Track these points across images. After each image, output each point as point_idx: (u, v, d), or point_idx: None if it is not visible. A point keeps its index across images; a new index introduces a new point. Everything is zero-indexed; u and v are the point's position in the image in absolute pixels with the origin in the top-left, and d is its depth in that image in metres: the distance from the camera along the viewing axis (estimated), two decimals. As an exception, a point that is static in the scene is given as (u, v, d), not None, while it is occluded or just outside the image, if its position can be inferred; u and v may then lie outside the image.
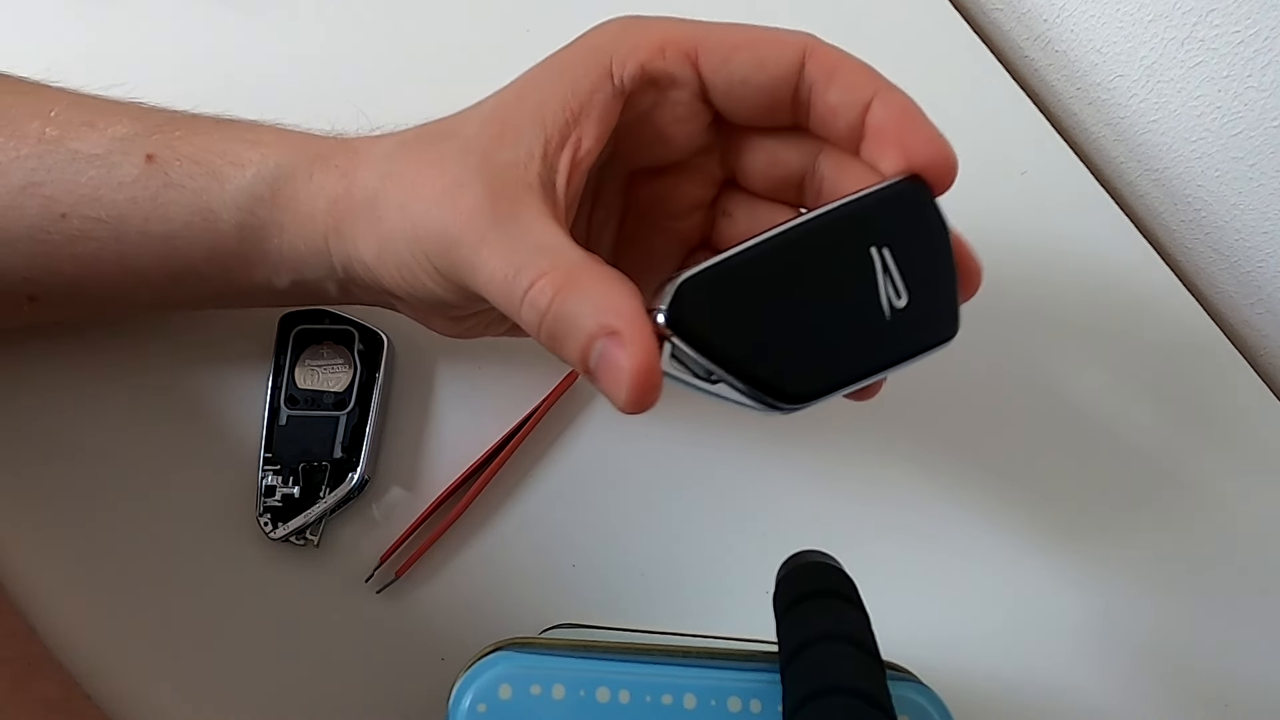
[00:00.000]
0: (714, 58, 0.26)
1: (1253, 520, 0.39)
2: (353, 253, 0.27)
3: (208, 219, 0.28)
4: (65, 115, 0.29)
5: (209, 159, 0.28)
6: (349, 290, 0.30)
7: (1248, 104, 0.38)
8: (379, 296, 0.29)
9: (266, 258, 0.29)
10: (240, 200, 0.28)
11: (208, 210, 0.28)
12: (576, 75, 0.26)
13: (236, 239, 0.29)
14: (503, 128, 0.26)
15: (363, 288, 0.29)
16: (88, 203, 0.28)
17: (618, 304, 0.23)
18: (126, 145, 0.28)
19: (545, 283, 0.23)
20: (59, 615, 0.34)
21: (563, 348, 0.24)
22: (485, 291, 0.25)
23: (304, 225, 0.28)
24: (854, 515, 0.38)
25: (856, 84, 0.25)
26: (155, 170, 0.28)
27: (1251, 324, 0.44)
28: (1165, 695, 0.37)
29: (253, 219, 0.28)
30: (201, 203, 0.28)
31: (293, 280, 0.30)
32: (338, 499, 0.35)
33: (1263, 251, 0.42)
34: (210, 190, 0.28)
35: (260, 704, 0.34)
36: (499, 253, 0.24)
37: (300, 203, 0.28)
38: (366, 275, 0.28)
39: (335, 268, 0.28)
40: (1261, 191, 0.40)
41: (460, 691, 0.26)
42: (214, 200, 0.28)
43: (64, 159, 0.28)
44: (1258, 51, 0.37)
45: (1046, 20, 0.45)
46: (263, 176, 0.28)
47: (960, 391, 0.39)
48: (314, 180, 0.28)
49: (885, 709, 0.22)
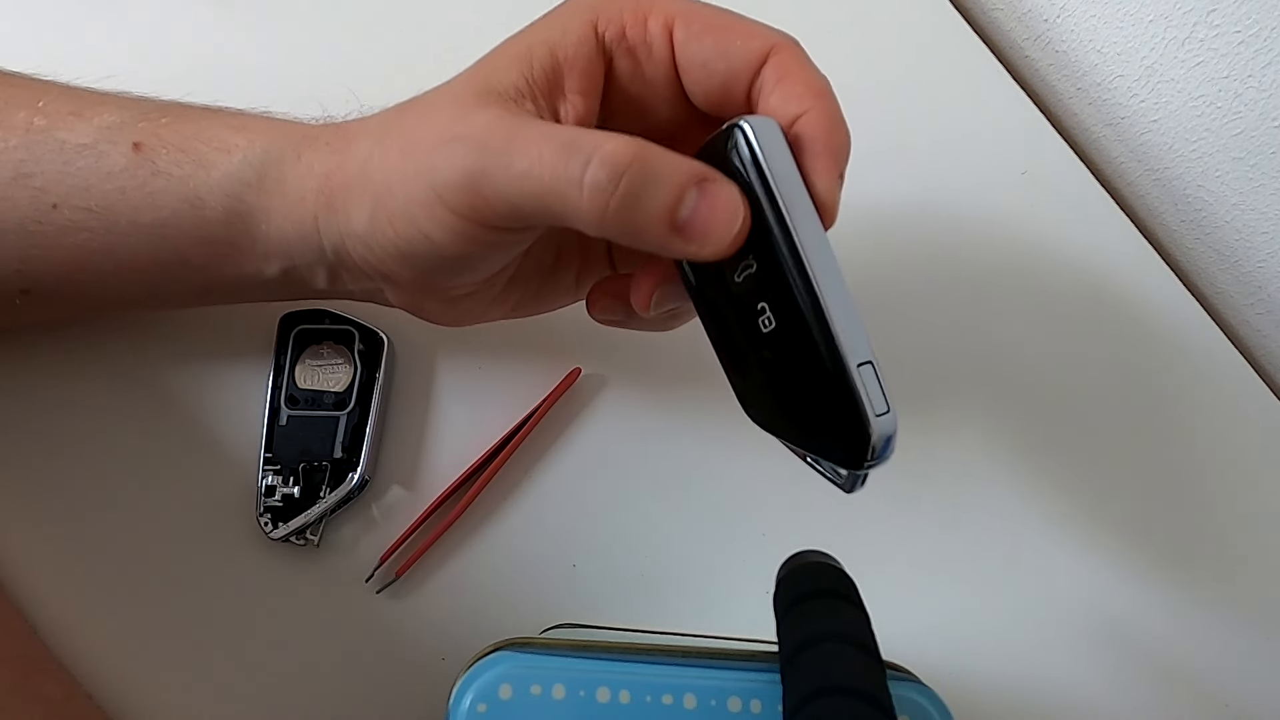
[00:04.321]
0: (685, 33, 0.26)
1: (1253, 520, 0.39)
2: (344, 228, 0.27)
3: (195, 207, 0.28)
4: (52, 106, 0.29)
5: (195, 146, 0.28)
6: (338, 277, 0.29)
7: (1248, 104, 0.38)
8: (369, 284, 0.29)
9: (255, 245, 0.29)
10: (227, 186, 0.28)
11: (195, 198, 0.28)
12: (565, 26, 0.26)
13: (224, 226, 0.28)
14: (493, 62, 0.26)
15: (353, 273, 0.29)
16: (78, 193, 0.28)
17: (694, 162, 0.23)
18: (114, 134, 0.28)
19: (609, 152, 0.22)
20: (59, 615, 0.34)
21: (642, 213, 0.23)
22: (523, 188, 0.23)
23: (293, 209, 0.28)
24: (854, 515, 0.38)
25: (795, 95, 0.25)
26: (143, 159, 0.28)
27: (1251, 324, 0.44)
28: (1165, 695, 0.37)
29: (240, 205, 0.28)
30: (189, 190, 0.28)
31: (282, 268, 0.29)
32: (338, 499, 0.35)
33: (1263, 251, 0.42)
34: (197, 178, 0.28)
35: (260, 704, 0.34)
36: (536, 140, 0.23)
37: (288, 185, 0.28)
38: (358, 252, 0.27)
39: (325, 250, 0.28)
40: (1261, 191, 0.40)
41: (460, 691, 0.26)
42: (201, 187, 0.28)
43: (52, 149, 0.28)
44: (1258, 51, 0.37)
45: (1046, 20, 0.45)
46: (249, 162, 0.28)
47: (960, 391, 0.39)
48: (303, 160, 0.28)
49: (885, 709, 0.22)
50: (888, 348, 0.40)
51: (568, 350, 0.38)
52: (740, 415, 0.27)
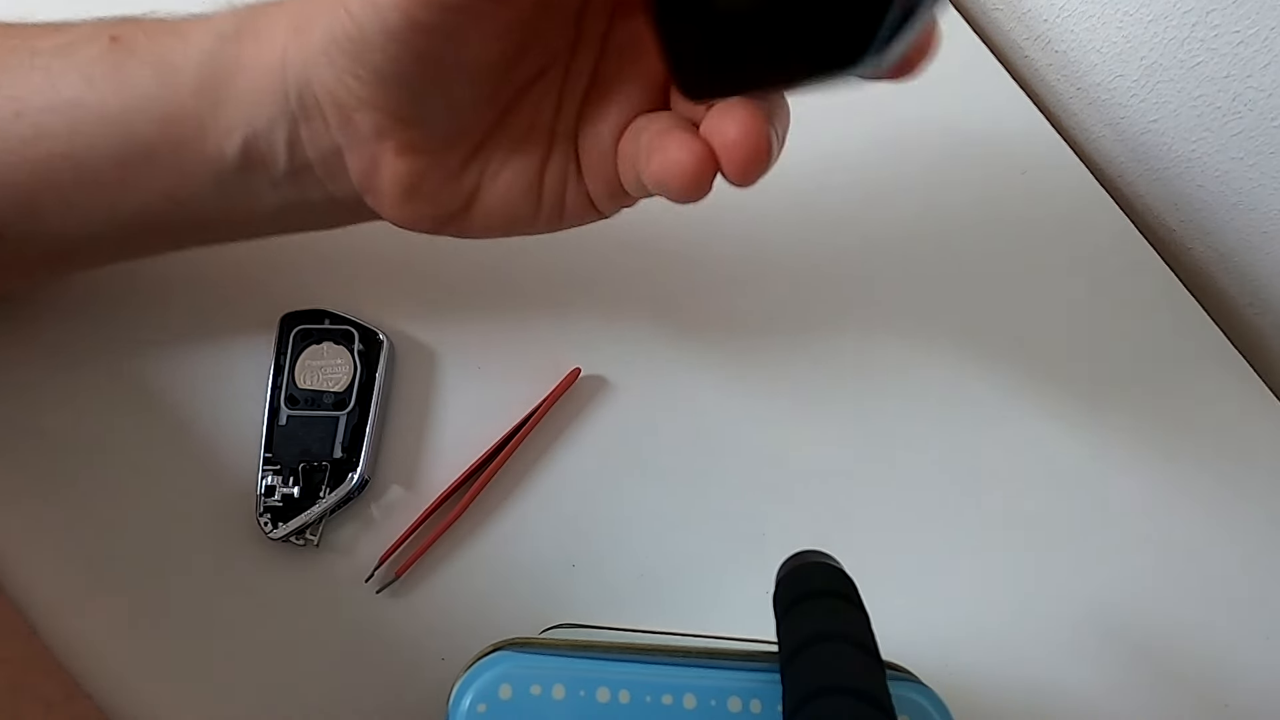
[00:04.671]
0: None
1: (1252, 520, 0.39)
2: (309, 50, 0.26)
3: (168, 77, 0.28)
4: (30, 29, 0.29)
5: (177, 25, 0.28)
6: (297, 142, 0.28)
7: (1248, 104, 0.38)
8: (329, 140, 0.28)
9: (221, 114, 0.28)
10: (204, 44, 0.28)
11: (170, 68, 0.28)
12: None
13: (194, 94, 0.28)
14: None
15: (313, 121, 0.27)
16: (43, 92, 0.28)
17: None
18: (91, 33, 0.28)
19: None
20: (59, 615, 0.34)
21: None
22: None
23: (264, 50, 0.27)
24: (854, 515, 0.38)
25: None
26: (118, 48, 0.28)
27: (1251, 324, 0.44)
28: (1165, 695, 0.37)
29: (214, 64, 0.28)
30: (165, 63, 0.28)
31: (244, 139, 0.28)
32: (338, 499, 0.35)
33: (1262, 251, 0.42)
34: (175, 49, 0.28)
35: (260, 704, 0.34)
36: None
37: (262, 30, 0.27)
38: (320, 76, 0.26)
39: (289, 95, 0.27)
40: (1261, 191, 0.40)
41: (460, 691, 0.26)
42: (177, 55, 0.28)
43: (24, 58, 0.28)
44: (1257, 51, 0.37)
45: (1046, 20, 0.45)
46: (228, 18, 0.28)
47: (959, 391, 0.39)
48: (283, 4, 0.28)
49: (885, 709, 0.22)
50: (888, 348, 0.40)
51: (568, 350, 0.38)
52: (740, 415, 0.27)
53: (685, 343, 0.39)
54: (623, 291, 0.39)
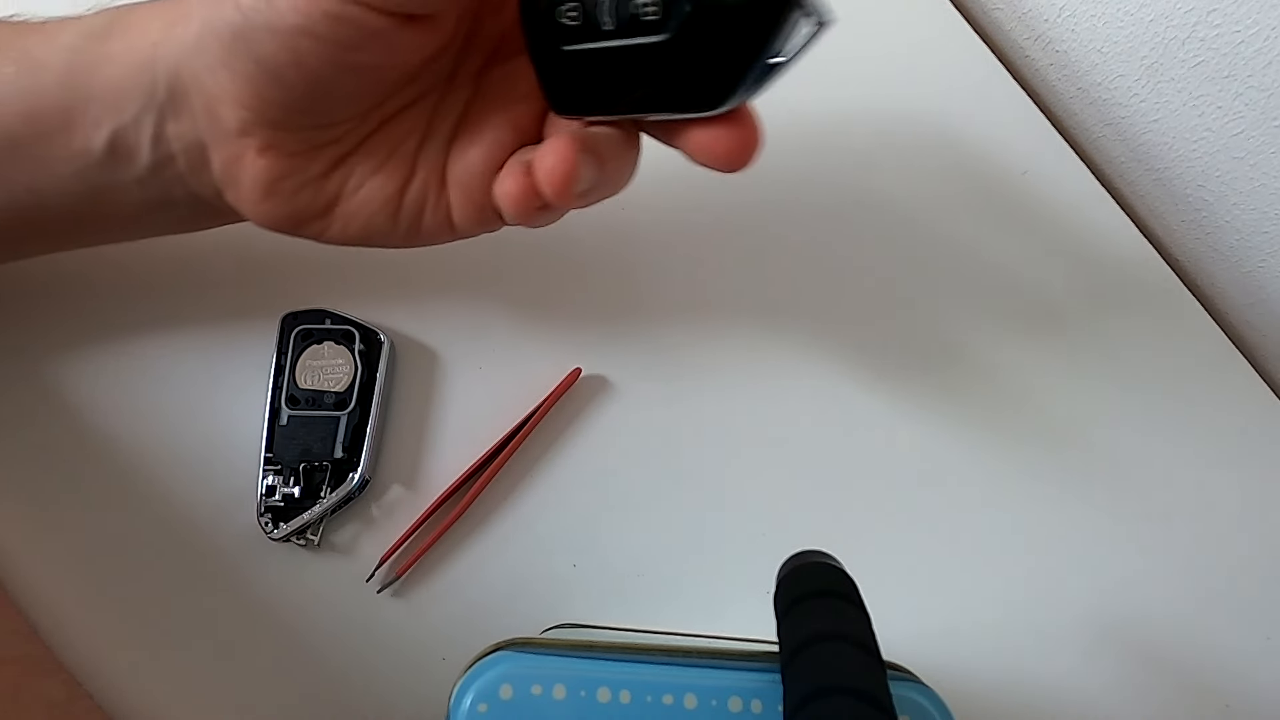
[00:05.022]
0: None
1: (1252, 520, 0.39)
2: (182, 41, 0.26)
3: (33, 71, 0.28)
4: None
5: (46, 27, 0.28)
6: (163, 135, 0.28)
7: (1249, 103, 0.38)
8: (195, 130, 0.28)
9: (88, 107, 0.28)
10: (72, 42, 0.28)
11: (35, 63, 0.28)
12: None
13: (60, 86, 0.28)
14: None
15: (181, 112, 0.27)
16: None
17: None
18: None
19: None
20: (60, 615, 0.34)
21: None
22: None
23: (134, 43, 0.27)
24: (854, 515, 0.38)
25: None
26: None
27: (1251, 324, 0.44)
28: (1165, 695, 0.37)
29: (81, 59, 0.28)
30: (30, 59, 0.28)
31: (111, 132, 0.28)
32: (338, 499, 0.35)
33: (1263, 251, 0.42)
34: (40, 46, 0.28)
35: (260, 704, 0.34)
36: None
37: (134, 26, 0.28)
38: (190, 65, 0.26)
39: (157, 88, 0.27)
40: (1262, 191, 0.40)
41: (461, 691, 0.26)
42: (44, 52, 0.28)
43: None
44: (1258, 51, 0.37)
45: (1047, 20, 0.45)
46: (100, 18, 0.28)
47: (959, 391, 0.39)
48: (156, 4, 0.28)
49: (885, 709, 0.22)
50: (887, 349, 0.40)
51: (568, 350, 0.38)
52: (740, 416, 0.27)
53: (686, 343, 0.39)
54: (623, 291, 0.39)
